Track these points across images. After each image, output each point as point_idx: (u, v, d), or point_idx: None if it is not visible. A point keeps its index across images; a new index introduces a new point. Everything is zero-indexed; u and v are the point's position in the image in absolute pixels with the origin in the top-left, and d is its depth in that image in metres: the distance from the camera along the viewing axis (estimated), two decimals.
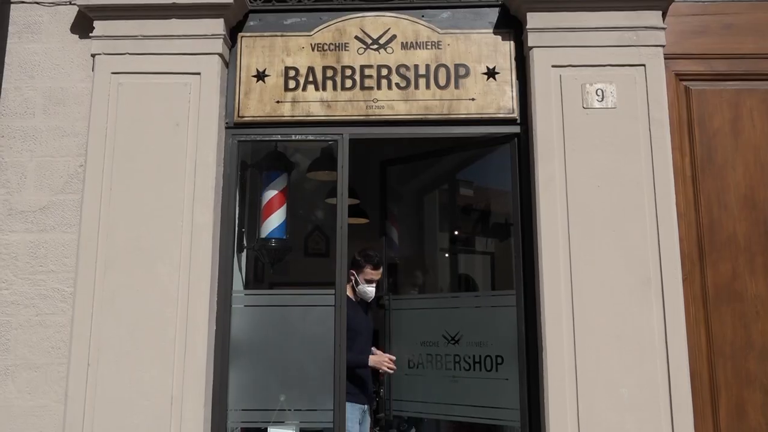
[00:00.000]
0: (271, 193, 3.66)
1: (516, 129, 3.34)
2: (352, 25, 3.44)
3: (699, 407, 3.06)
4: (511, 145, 3.34)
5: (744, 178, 3.29)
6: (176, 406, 2.98)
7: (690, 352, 3.03)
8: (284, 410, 3.15)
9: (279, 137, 3.46)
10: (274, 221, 3.64)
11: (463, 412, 3.47)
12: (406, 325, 3.94)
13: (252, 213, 3.81)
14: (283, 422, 3.15)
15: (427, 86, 3.36)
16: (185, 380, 3.00)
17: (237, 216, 3.45)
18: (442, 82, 3.37)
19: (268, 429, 3.15)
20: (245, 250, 3.75)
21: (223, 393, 3.15)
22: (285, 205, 3.70)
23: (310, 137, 3.43)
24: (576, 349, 2.99)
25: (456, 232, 7.37)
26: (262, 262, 3.96)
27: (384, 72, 3.39)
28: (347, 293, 3.38)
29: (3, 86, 3.33)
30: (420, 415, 4.13)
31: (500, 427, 4.75)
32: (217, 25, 3.29)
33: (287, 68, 3.41)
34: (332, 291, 3.23)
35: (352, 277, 3.87)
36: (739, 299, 3.19)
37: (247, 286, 3.82)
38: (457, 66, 3.38)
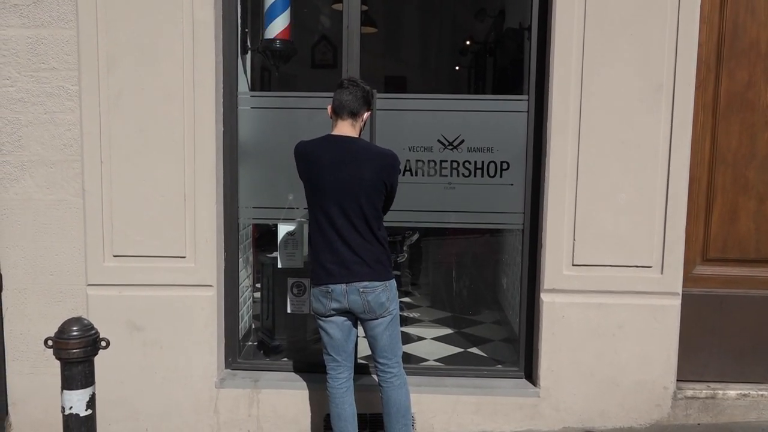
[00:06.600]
0: None
1: None
2: None
3: (693, 212, 3.16)
4: None
5: None
6: (189, 202, 3.10)
7: (692, 158, 3.06)
8: (293, 208, 3.28)
9: None
10: (278, 22, 3.49)
11: (461, 218, 3.30)
12: (393, 127, 3.28)
13: (255, 13, 3.65)
14: (293, 219, 3.29)
15: None
16: (196, 178, 3.09)
17: (239, 14, 3.30)
18: None
19: (278, 225, 3.29)
20: (249, 51, 3.64)
21: (233, 191, 3.26)
22: (289, 5, 3.51)
23: None
24: (579, 153, 3.03)
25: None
26: (268, 66, 3.87)
27: None
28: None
29: None
30: (410, 224, 3.85)
31: (497, 231, 4.89)
32: None
33: None
34: None
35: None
36: (750, 109, 3.15)
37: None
38: None
